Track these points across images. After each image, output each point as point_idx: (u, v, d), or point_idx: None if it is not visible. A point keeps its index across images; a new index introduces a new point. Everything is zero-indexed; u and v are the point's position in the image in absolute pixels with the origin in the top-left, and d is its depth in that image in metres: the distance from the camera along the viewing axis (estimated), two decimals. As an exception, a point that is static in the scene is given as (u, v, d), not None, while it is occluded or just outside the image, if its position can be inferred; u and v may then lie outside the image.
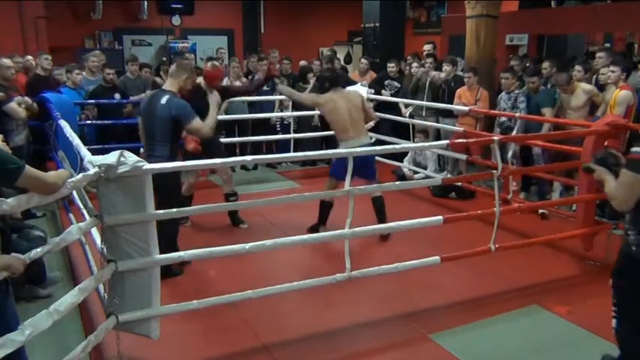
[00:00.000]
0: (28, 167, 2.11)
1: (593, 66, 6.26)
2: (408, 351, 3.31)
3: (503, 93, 6.26)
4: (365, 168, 4.66)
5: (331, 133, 7.53)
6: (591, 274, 4.30)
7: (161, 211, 3.03)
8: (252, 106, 7.53)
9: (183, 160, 4.50)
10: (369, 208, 4.89)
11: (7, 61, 5.43)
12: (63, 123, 4.53)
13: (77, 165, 3.64)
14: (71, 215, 4.91)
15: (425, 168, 6.78)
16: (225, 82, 7.07)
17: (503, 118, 6.07)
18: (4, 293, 2.16)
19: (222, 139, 7.32)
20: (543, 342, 3.31)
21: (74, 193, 3.75)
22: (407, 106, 7.15)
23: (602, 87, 5.74)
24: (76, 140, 3.71)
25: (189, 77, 4.11)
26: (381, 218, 4.84)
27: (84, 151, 3.31)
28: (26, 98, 5.58)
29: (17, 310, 2.27)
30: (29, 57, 7.32)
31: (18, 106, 5.38)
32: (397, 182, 4.77)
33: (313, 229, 4.87)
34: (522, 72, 7.03)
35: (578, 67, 5.75)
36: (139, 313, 2.92)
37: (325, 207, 4.99)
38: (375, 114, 5.60)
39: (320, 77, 5.20)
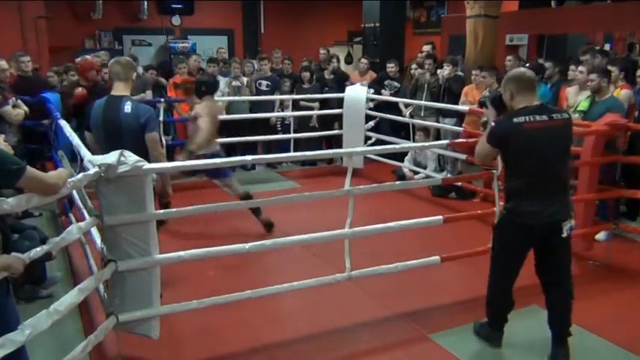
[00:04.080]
0: (29, 168, 2.11)
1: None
2: (408, 351, 3.31)
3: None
4: (215, 169, 4.69)
5: (331, 132, 7.62)
6: (592, 274, 4.30)
7: (161, 211, 3.03)
8: (254, 106, 7.55)
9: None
10: (368, 208, 4.89)
11: (2, 63, 5.38)
12: (63, 122, 4.54)
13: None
14: (71, 215, 4.91)
15: (425, 168, 6.78)
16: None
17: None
18: (5, 293, 2.16)
19: (222, 139, 7.36)
20: (543, 342, 3.30)
21: (74, 192, 3.75)
22: (407, 106, 7.15)
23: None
24: (75, 140, 3.70)
25: (136, 73, 3.76)
26: (256, 212, 5.01)
27: (84, 150, 3.31)
28: (19, 101, 5.46)
29: (17, 310, 2.27)
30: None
31: (13, 110, 5.24)
32: (397, 182, 4.77)
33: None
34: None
35: (572, 67, 5.73)
36: (139, 313, 2.92)
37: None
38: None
39: (197, 81, 5.16)
